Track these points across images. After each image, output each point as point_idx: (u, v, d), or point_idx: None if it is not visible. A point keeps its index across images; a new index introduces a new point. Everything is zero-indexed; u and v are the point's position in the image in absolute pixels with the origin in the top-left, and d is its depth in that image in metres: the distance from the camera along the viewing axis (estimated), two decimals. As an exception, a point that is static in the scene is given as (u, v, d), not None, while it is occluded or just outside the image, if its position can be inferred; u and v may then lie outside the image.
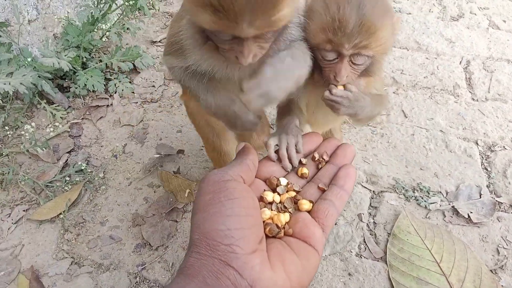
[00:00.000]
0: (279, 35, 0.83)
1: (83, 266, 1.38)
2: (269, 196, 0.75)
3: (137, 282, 1.34)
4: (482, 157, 1.73)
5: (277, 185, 0.77)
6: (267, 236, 0.68)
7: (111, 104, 1.89)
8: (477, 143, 1.77)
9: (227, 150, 1.36)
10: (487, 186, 1.62)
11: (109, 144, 1.74)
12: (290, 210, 0.75)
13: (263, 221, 0.70)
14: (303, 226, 0.70)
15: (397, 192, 1.60)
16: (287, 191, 0.78)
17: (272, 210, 0.73)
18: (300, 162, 0.84)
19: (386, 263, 1.40)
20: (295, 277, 0.62)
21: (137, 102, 1.91)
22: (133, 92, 1.95)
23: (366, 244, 1.45)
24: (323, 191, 0.78)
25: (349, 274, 1.37)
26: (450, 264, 1.38)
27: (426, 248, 1.42)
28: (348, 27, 0.84)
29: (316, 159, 0.84)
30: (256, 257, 0.60)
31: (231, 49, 0.77)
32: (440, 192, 1.59)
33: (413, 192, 1.59)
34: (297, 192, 0.79)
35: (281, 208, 0.74)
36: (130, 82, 1.98)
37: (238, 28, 0.69)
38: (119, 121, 1.82)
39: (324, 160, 0.84)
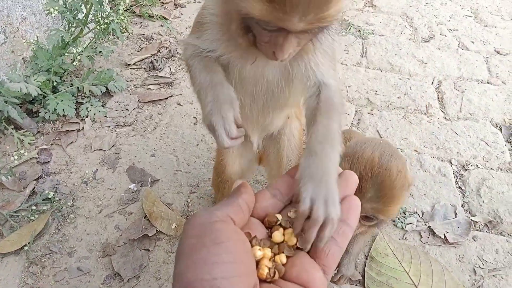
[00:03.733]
0: (318, 35, 0.79)
1: (49, 301, 1.31)
2: (276, 236, 0.66)
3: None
4: (456, 176, 1.74)
5: (276, 223, 0.68)
6: (261, 281, 0.61)
7: (82, 129, 1.84)
8: (451, 162, 1.79)
9: (228, 176, 1.30)
10: (462, 205, 1.63)
11: (79, 170, 1.68)
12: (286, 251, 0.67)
13: (256, 262, 0.62)
14: (302, 269, 0.62)
15: (373, 214, 1.58)
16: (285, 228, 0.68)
17: (264, 248, 0.64)
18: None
19: (364, 287, 1.37)
20: None
21: (109, 126, 1.86)
22: (105, 116, 1.91)
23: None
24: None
25: (327, 300, 1.34)
26: (428, 286, 1.37)
27: (404, 270, 1.41)
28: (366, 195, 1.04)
29: None
30: None
31: (270, 42, 0.74)
32: (416, 212, 1.59)
33: (390, 213, 1.58)
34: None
35: (277, 249, 0.66)
36: (102, 106, 1.94)
37: (289, 21, 0.66)
38: (90, 146, 1.77)
39: None
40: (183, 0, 2.88)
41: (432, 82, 2.22)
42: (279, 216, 0.67)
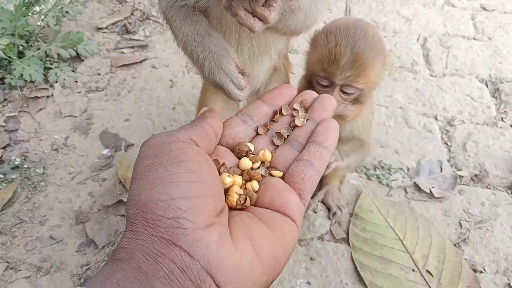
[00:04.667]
0: None
1: (20, 270, 1.24)
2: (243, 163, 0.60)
3: (81, 283, 1.21)
4: (442, 131, 1.70)
5: (248, 152, 0.62)
6: (230, 209, 0.56)
7: (52, 95, 1.73)
8: (436, 118, 1.74)
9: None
10: (447, 160, 1.60)
11: (50, 137, 1.59)
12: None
13: (226, 190, 0.57)
14: (275, 193, 0.57)
15: (358, 172, 1.54)
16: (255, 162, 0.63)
17: (234, 175, 0.59)
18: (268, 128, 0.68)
19: (349, 245, 1.34)
20: (267, 254, 0.50)
21: (80, 92, 1.76)
22: (76, 81, 1.80)
23: (328, 226, 1.39)
24: (300, 151, 0.64)
25: (311, 259, 1.30)
26: (414, 241, 1.34)
27: (389, 226, 1.37)
28: (341, 61, 1.03)
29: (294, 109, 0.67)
30: (212, 233, 0.47)
31: None
32: (402, 168, 1.55)
33: (374, 170, 1.54)
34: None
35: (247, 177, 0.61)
36: (72, 71, 1.83)
37: None
38: (61, 112, 1.67)
39: (302, 110, 0.67)
40: (157, -38, 2.73)
41: (418, 39, 2.15)
42: (251, 146, 0.62)
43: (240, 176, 0.59)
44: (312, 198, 1.34)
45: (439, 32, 2.20)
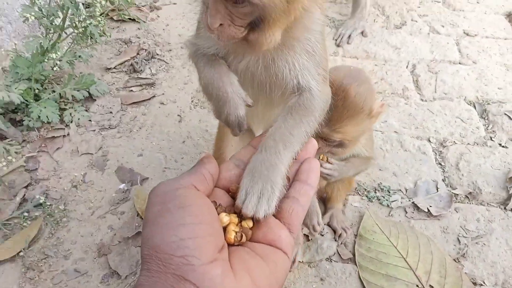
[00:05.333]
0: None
1: (48, 304, 1.32)
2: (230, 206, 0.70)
3: (106, 314, 1.29)
4: (436, 153, 1.82)
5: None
6: (229, 245, 0.64)
7: (68, 134, 1.84)
8: (429, 140, 1.86)
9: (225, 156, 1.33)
10: (442, 180, 1.70)
11: (68, 174, 1.69)
12: None
13: (224, 228, 0.65)
14: (267, 229, 0.66)
15: (359, 194, 1.64)
16: None
17: (231, 214, 0.67)
18: None
19: (356, 264, 1.43)
20: (263, 284, 0.58)
21: (94, 130, 1.87)
22: (90, 120, 1.91)
23: (335, 248, 1.48)
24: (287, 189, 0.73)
25: (321, 279, 1.39)
26: (416, 258, 1.43)
27: (392, 245, 1.47)
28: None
29: None
30: (216, 267, 0.55)
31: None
32: (400, 190, 1.66)
33: (375, 192, 1.65)
34: None
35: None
36: (86, 110, 1.95)
37: None
38: (77, 150, 1.78)
39: None
40: (159, 3, 2.89)
41: (407, 66, 2.30)
42: None
43: (236, 215, 0.67)
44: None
45: (427, 58, 2.36)
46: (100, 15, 1.89)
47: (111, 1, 1.83)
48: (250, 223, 0.67)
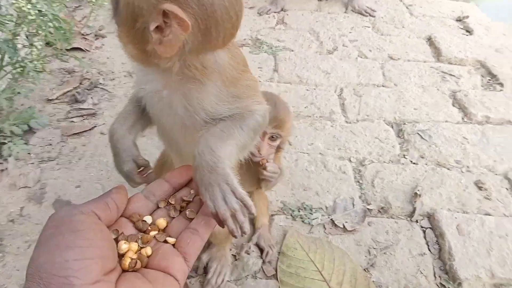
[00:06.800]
0: None
1: (-18, 338, 1.37)
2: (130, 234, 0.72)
3: None
4: (355, 171, 2.01)
5: (139, 222, 0.76)
6: (124, 271, 0.67)
7: (6, 169, 1.89)
8: (350, 160, 2.06)
9: None
10: (359, 196, 1.89)
11: (6, 209, 1.74)
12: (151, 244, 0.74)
13: (122, 255, 0.68)
14: (162, 257, 0.69)
15: (285, 214, 1.80)
16: (152, 230, 0.75)
17: (131, 242, 0.71)
18: (168, 202, 0.82)
19: (278, 280, 1.57)
20: None
21: (33, 163, 1.93)
22: (29, 153, 1.97)
23: (260, 264, 1.62)
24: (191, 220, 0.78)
25: (245, 296, 1.52)
26: (330, 270, 1.59)
27: (310, 260, 1.62)
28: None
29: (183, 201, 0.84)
30: None
31: None
32: (321, 208, 1.83)
33: (298, 211, 1.81)
34: (163, 229, 0.78)
35: (141, 243, 0.73)
36: (25, 144, 2.00)
37: None
38: (15, 184, 1.83)
39: (188, 201, 0.85)
40: (104, 31, 2.98)
41: (335, 90, 2.50)
42: (148, 218, 0.77)
43: (136, 243, 0.71)
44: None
45: (353, 82, 2.58)
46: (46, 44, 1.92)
47: (50, 42, 1.90)
48: (149, 251, 0.71)
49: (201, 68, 0.82)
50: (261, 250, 1.66)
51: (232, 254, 1.64)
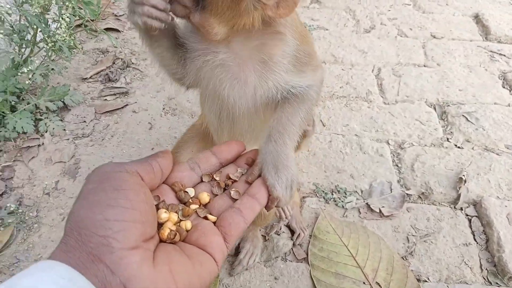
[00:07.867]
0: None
1: (18, 306, 1.41)
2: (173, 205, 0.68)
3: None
4: (393, 155, 1.90)
5: (181, 192, 0.71)
6: (161, 241, 0.63)
7: (43, 144, 1.93)
8: (388, 143, 1.95)
9: None
10: (397, 181, 1.79)
11: (41, 182, 1.78)
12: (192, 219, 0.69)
13: (161, 224, 0.64)
14: (201, 233, 0.65)
15: (317, 196, 1.73)
16: (193, 203, 0.71)
17: (171, 212, 0.66)
18: (212, 177, 0.78)
19: (309, 263, 1.51)
20: (183, 279, 0.56)
21: (68, 139, 1.96)
22: (64, 130, 2.00)
23: (290, 246, 1.56)
24: (235, 200, 0.73)
25: (275, 278, 1.48)
26: (365, 256, 1.52)
27: (343, 244, 1.55)
28: None
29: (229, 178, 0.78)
30: (135, 254, 0.53)
31: None
32: (356, 191, 1.75)
33: (332, 194, 1.73)
34: (205, 205, 0.73)
35: (181, 215, 0.68)
36: (61, 120, 2.03)
37: None
38: (51, 159, 1.87)
39: (234, 180, 0.78)
40: (137, 11, 2.97)
41: (372, 70, 2.38)
42: (191, 190, 0.72)
43: (176, 214, 0.67)
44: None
45: (392, 61, 2.44)
46: (78, 26, 1.94)
47: (80, 15, 1.90)
48: (189, 226, 0.67)
49: (283, 23, 0.88)
50: (292, 232, 1.61)
51: (262, 235, 1.59)
